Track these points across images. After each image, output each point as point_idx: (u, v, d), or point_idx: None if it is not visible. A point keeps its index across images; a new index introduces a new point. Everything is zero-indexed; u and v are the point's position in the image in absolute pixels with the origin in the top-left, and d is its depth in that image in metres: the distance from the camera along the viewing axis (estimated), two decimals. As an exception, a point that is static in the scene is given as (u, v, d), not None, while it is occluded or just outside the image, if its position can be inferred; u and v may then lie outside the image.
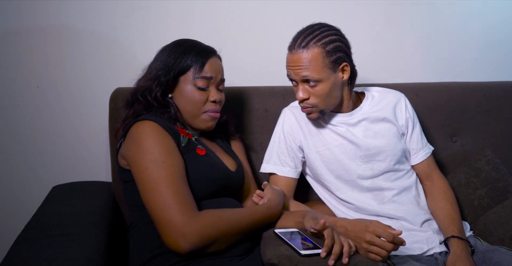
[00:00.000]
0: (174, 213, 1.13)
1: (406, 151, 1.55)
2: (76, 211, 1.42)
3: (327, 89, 1.40)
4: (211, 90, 1.37)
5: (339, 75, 1.42)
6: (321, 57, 1.37)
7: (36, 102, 1.75)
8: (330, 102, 1.44)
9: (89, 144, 1.80)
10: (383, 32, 1.97)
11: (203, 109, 1.36)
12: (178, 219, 1.12)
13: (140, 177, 1.21)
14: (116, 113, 1.57)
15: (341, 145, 1.49)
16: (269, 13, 1.86)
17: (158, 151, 1.22)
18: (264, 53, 1.86)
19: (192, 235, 1.12)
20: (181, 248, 1.12)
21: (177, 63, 1.34)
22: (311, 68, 1.37)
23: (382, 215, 1.45)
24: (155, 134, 1.25)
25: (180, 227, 1.12)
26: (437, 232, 1.45)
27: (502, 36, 2.08)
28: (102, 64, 1.77)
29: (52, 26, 1.72)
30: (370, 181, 1.48)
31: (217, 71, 1.38)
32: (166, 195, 1.16)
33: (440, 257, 1.37)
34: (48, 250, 1.16)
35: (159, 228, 1.16)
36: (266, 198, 1.36)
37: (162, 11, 1.79)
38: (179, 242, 1.12)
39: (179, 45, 1.39)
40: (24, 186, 1.78)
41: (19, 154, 1.77)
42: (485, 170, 1.63)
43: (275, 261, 1.14)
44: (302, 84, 1.41)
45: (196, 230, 1.13)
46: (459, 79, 1.96)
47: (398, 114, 1.55)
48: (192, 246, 1.12)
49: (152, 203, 1.17)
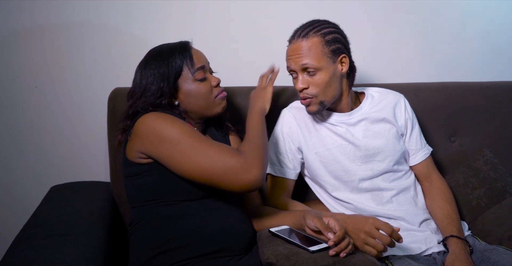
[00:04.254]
0: (228, 160, 1.20)
1: (405, 152, 1.55)
2: (75, 211, 1.42)
3: (326, 78, 1.40)
4: (208, 76, 1.40)
5: (338, 67, 1.43)
6: (321, 45, 1.39)
7: (35, 102, 1.75)
8: (329, 93, 1.44)
9: (88, 143, 1.80)
10: (381, 32, 1.97)
11: (213, 96, 1.39)
12: (234, 163, 1.20)
13: (175, 152, 1.22)
14: (115, 113, 1.57)
15: (340, 145, 1.49)
16: (268, 13, 1.86)
17: (179, 126, 1.26)
18: (262, 53, 1.86)
19: (254, 167, 1.21)
20: (253, 182, 1.20)
21: (170, 68, 1.34)
22: (310, 56, 1.39)
23: (380, 215, 1.45)
24: (167, 116, 1.29)
25: (241, 167, 1.20)
26: (435, 232, 1.45)
27: (501, 36, 2.08)
28: (100, 64, 1.77)
29: (51, 26, 1.73)
30: (369, 181, 1.48)
31: (203, 58, 1.41)
32: (210, 151, 1.22)
33: (438, 256, 1.38)
34: (47, 250, 1.16)
35: (224, 181, 1.21)
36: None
37: (161, 11, 1.79)
38: (249, 178, 1.20)
39: (158, 53, 1.38)
40: (22, 185, 1.78)
41: (18, 154, 1.77)
42: (483, 170, 1.63)
43: (273, 260, 1.14)
44: (301, 74, 1.42)
45: (254, 161, 1.22)
46: (458, 79, 1.96)
47: (398, 115, 1.55)
48: (261, 171, 1.22)
49: (201, 164, 1.21)
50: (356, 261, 1.15)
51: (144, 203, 1.29)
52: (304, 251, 1.16)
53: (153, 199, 1.28)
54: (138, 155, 1.28)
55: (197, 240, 1.23)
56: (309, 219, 1.25)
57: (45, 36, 1.72)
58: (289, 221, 1.33)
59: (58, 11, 1.72)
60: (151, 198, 1.28)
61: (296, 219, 1.32)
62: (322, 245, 1.17)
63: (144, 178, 1.29)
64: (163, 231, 1.25)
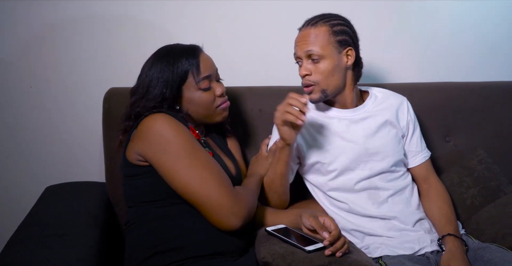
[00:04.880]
0: (220, 196, 1.20)
1: (404, 154, 1.55)
2: (70, 211, 1.42)
3: (329, 67, 1.42)
4: (213, 86, 1.38)
5: (343, 58, 1.44)
6: (327, 34, 1.42)
7: (30, 102, 1.75)
8: (332, 83, 1.44)
9: (83, 143, 1.79)
10: (376, 31, 1.97)
11: (215, 105, 1.38)
12: (225, 201, 1.20)
13: (172, 167, 1.21)
14: (110, 113, 1.57)
15: (340, 146, 1.49)
16: (263, 13, 1.86)
17: (185, 138, 1.24)
18: (258, 53, 1.86)
19: (241, 212, 1.22)
20: (234, 225, 1.21)
21: (175, 74, 1.32)
22: (316, 43, 1.42)
23: (374, 216, 1.45)
24: (175, 124, 1.25)
25: (230, 208, 1.20)
26: (428, 232, 1.46)
27: (496, 36, 2.09)
28: (96, 64, 1.77)
29: (45, 25, 1.72)
30: (367, 180, 1.48)
31: (211, 66, 1.38)
32: (207, 180, 1.21)
33: (432, 256, 1.38)
34: (42, 250, 1.16)
35: (207, 212, 1.21)
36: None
37: (155, 12, 1.78)
38: (232, 221, 1.20)
39: (166, 55, 1.35)
40: (17, 186, 1.78)
41: (13, 154, 1.76)
42: (477, 170, 1.64)
43: (269, 259, 1.15)
44: (306, 60, 1.44)
45: (242, 207, 1.22)
46: (453, 79, 1.97)
47: (400, 116, 1.56)
48: (243, 221, 1.22)
49: (194, 190, 1.20)
50: (352, 260, 1.16)
51: (141, 203, 1.29)
52: (300, 250, 1.16)
53: (150, 200, 1.28)
54: (138, 157, 1.27)
55: (194, 242, 1.23)
56: (305, 218, 1.26)
57: (39, 36, 1.72)
58: (286, 220, 1.34)
59: (51, 10, 1.71)
60: (148, 199, 1.28)
61: (293, 218, 1.32)
62: (318, 244, 1.18)
63: (143, 179, 1.28)
64: (160, 231, 1.25)
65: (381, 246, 1.40)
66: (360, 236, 1.45)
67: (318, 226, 1.22)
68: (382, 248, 1.39)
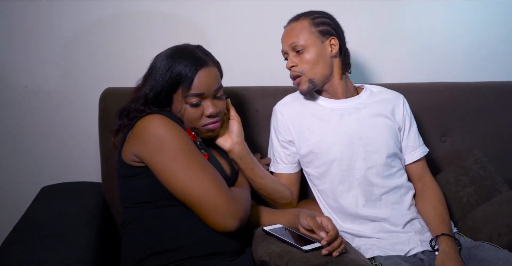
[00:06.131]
0: (217, 197, 1.19)
1: (401, 149, 1.55)
2: (66, 211, 1.41)
3: (313, 56, 1.47)
4: (204, 104, 1.31)
5: (327, 48, 1.49)
6: (309, 26, 1.49)
7: (25, 102, 1.74)
8: (318, 71, 1.48)
9: (79, 144, 1.79)
10: (371, 32, 1.98)
11: (200, 123, 1.32)
12: (222, 202, 1.19)
13: (168, 168, 1.20)
14: (106, 113, 1.57)
15: (333, 135, 1.48)
16: (259, 13, 1.86)
17: (181, 139, 1.23)
18: (254, 53, 1.86)
19: (238, 213, 1.21)
20: (231, 226, 1.19)
21: (167, 81, 1.28)
22: (299, 35, 1.48)
23: (363, 218, 1.45)
24: (171, 125, 1.24)
25: (226, 209, 1.19)
26: (419, 232, 1.45)
27: (491, 36, 2.10)
28: (92, 64, 1.76)
29: (42, 25, 1.72)
30: (362, 174, 1.46)
31: (208, 85, 1.30)
32: (204, 181, 1.20)
33: (425, 257, 1.37)
34: (38, 250, 1.16)
35: (203, 213, 1.20)
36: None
37: (151, 12, 1.78)
38: (229, 222, 1.19)
39: (172, 55, 1.30)
40: (13, 186, 1.77)
41: (8, 154, 1.76)
42: (473, 169, 1.65)
43: (266, 258, 1.15)
44: (291, 53, 1.49)
45: (238, 207, 1.21)
46: (449, 79, 1.97)
47: (396, 110, 1.56)
48: (240, 221, 1.21)
49: (190, 191, 1.19)
50: (349, 260, 1.16)
51: (136, 204, 1.28)
52: (297, 250, 1.17)
53: (146, 201, 1.27)
54: (133, 158, 1.26)
55: (190, 243, 1.22)
56: (303, 217, 1.26)
57: (35, 36, 1.71)
58: (284, 219, 1.34)
59: (48, 11, 1.71)
60: (144, 200, 1.27)
61: (290, 217, 1.32)
62: (315, 244, 1.18)
63: (139, 180, 1.27)
64: (156, 232, 1.24)
65: (372, 247, 1.40)
66: (349, 238, 1.45)
67: (315, 225, 1.22)
68: (373, 249, 1.40)
